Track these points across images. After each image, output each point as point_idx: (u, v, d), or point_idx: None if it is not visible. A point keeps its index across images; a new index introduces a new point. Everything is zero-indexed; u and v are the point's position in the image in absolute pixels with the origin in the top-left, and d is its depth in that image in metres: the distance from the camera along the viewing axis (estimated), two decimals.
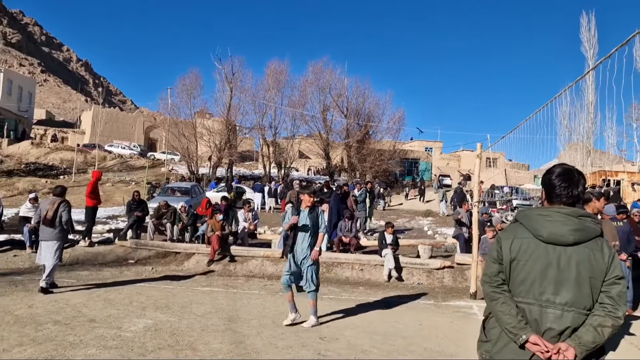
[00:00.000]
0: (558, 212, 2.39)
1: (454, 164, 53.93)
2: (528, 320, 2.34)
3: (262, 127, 38.83)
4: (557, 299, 2.31)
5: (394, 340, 5.98)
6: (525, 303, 2.36)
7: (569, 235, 2.33)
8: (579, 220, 2.36)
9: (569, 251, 2.33)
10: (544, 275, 2.33)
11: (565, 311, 2.29)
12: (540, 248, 2.36)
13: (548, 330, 2.29)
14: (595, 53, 38.61)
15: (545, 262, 2.34)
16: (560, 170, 2.51)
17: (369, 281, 10.23)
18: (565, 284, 2.30)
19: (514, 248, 2.41)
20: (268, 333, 5.96)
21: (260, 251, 11.24)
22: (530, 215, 2.46)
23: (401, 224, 19.21)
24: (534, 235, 2.39)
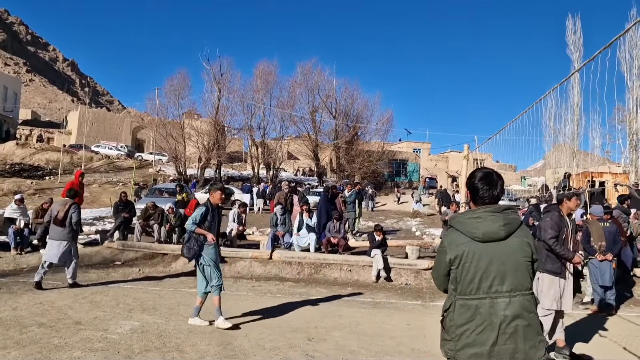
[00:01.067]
0: (486, 212, 2.68)
1: (442, 165, 54.25)
2: (479, 314, 2.59)
3: (251, 128, 38.79)
4: (503, 287, 2.60)
5: (381, 341, 6.00)
6: (477, 299, 2.61)
7: (500, 230, 2.64)
8: (504, 215, 2.67)
9: (504, 244, 2.64)
10: (489, 271, 2.61)
11: (512, 297, 2.59)
12: (480, 248, 2.63)
13: (504, 318, 2.56)
14: (581, 56, 39.08)
15: (487, 259, 2.62)
16: (481, 174, 2.80)
17: (357, 282, 10.25)
18: (508, 272, 2.61)
19: (457, 255, 2.67)
20: (256, 334, 5.95)
21: (248, 252, 11.21)
22: (463, 221, 2.74)
23: (389, 224, 19.28)
24: (471, 238, 2.65)
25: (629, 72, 36.14)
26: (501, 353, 2.55)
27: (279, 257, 10.97)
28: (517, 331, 2.57)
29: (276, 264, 10.84)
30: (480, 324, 2.59)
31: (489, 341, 2.55)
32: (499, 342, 2.55)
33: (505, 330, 2.56)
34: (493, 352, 2.55)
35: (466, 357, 2.60)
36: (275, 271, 10.67)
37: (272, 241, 11.62)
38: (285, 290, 9.25)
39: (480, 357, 2.56)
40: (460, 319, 2.65)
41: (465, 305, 2.65)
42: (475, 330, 2.59)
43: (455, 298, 2.70)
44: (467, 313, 2.63)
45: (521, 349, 2.56)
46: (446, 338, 2.73)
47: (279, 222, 12.21)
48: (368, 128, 41.75)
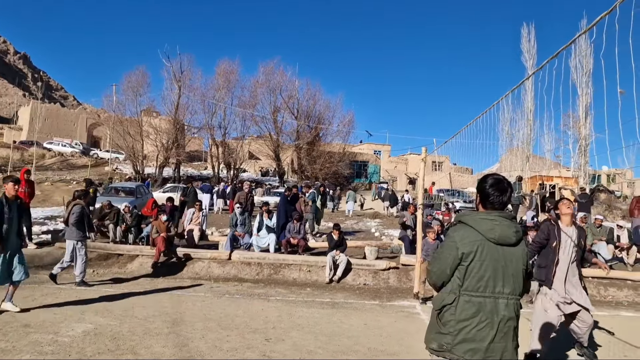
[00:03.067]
0: (501, 217, 2.82)
1: (402, 167, 55.06)
2: (483, 311, 2.72)
3: (211, 127, 38.38)
4: (505, 290, 2.76)
5: (339, 341, 6.06)
6: (482, 297, 2.74)
7: (513, 236, 2.79)
8: (514, 223, 2.85)
9: (512, 250, 2.79)
10: (497, 272, 2.76)
11: (509, 299, 2.76)
12: (493, 249, 2.77)
13: (502, 318, 2.73)
14: (535, 63, 40.55)
15: (498, 260, 2.76)
16: (492, 181, 2.93)
17: (316, 282, 10.29)
18: (510, 277, 2.77)
19: (472, 251, 2.77)
20: (213, 336, 5.90)
21: (207, 253, 11.08)
22: (477, 220, 2.84)
23: (349, 225, 19.42)
24: (486, 238, 2.77)
25: (579, 80, 37.71)
26: (495, 350, 2.70)
27: (238, 257, 10.90)
28: (510, 331, 2.75)
29: (235, 264, 10.77)
30: (483, 320, 2.72)
31: (487, 338, 2.70)
32: (495, 339, 2.71)
33: (502, 328, 2.72)
34: (489, 349, 2.70)
35: (463, 351, 2.71)
36: (234, 272, 10.60)
37: (231, 242, 11.51)
38: (244, 291, 9.20)
39: (476, 353, 2.69)
40: (463, 314, 2.74)
41: (470, 301, 2.75)
42: (477, 327, 2.71)
43: (460, 293, 2.78)
44: (471, 309, 2.74)
45: (509, 348, 2.74)
46: (442, 332, 2.80)
47: (239, 222, 12.12)
48: (330, 129, 42.03)
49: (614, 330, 7.27)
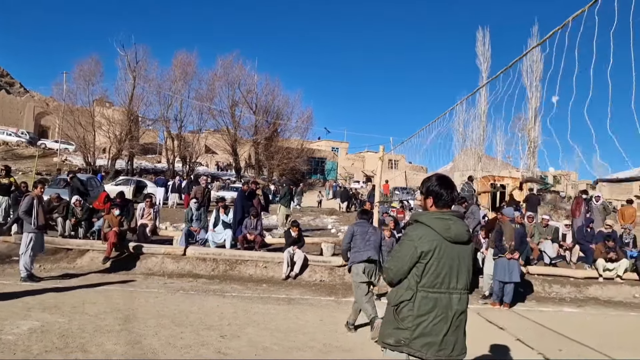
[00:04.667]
0: (454, 216, 2.97)
1: (359, 165, 55.62)
2: (439, 306, 2.84)
3: (167, 120, 37.58)
4: (458, 285, 2.90)
5: (295, 337, 6.09)
6: (439, 293, 2.86)
7: (466, 235, 2.95)
8: (464, 223, 3.02)
9: (464, 247, 2.95)
10: (452, 269, 2.89)
11: (462, 294, 2.91)
12: (449, 247, 2.89)
13: (456, 312, 2.87)
14: (489, 66, 41.80)
15: (453, 258, 2.90)
16: (440, 180, 3.06)
17: (273, 278, 10.28)
18: (462, 273, 2.92)
19: (430, 249, 2.86)
20: (167, 333, 5.81)
21: (160, 248, 10.86)
22: (432, 219, 2.95)
23: (306, 222, 19.47)
24: (443, 236, 2.88)
25: (529, 84, 39.13)
26: (448, 343, 2.84)
27: (193, 253, 10.75)
28: (461, 324, 2.91)
29: (190, 260, 10.61)
30: (439, 315, 2.84)
31: (442, 331, 2.82)
32: (449, 333, 2.84)
33: (455, 322, 2.86)
34: (443, 341, 2.82)
35: (420, 345, 2.82)
36: (189, 268, 10.45)
37: (186, 237, 11.33)
38: (198, 287, 9.08)
39: (432, 346, 2.81)
40: (421, 310, 2.84)
41: (427, 297, 2.85)
42: (433, 321, 2.83)
43: (418, 289, 2.87)
44: (428, 304, 2.84)
45: (460, 340, 2.90)
46: (400, 327, 2.88)
47: (194, 217, 11.94)
48: (288, 125, 42.00)
49: (557, 325, 7.63)
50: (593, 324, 8.24)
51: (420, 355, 2.81)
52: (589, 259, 11.59)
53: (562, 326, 7.55)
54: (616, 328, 8.09)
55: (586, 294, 10.58)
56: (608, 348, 6.39)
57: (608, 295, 10.55)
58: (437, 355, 2.80)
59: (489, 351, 5.94)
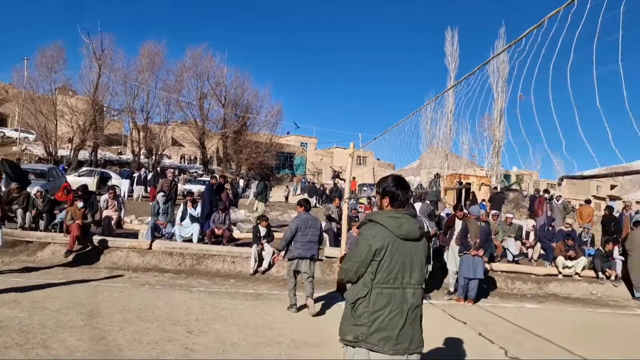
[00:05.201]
0: (406, 215, 3.09)
1: (327, 160, 55.72)
2: (394, 301, 2.93)
3: (133, 110, 36.73)
4: (412, 280, 3.00)
5: (263, 332, 6.07)
6: (393, 288, 2.95)
7: (417, 232, 3.07)
8: (417, 220, 3.18)
9: (416, 244, 3.06)
10: (405, 265, 2.99)
11: (416, 289, 3.01)
12: (401, 244, 2.99)
13: (411, 306, 2.96)
14: (457, 66, 42.54)
15: (405, 254, 2.99)
16: (395, 181, 3.18)
17: (240, 273, 10.22)
18: (415, 268, 3.03)
19: (383, 246, 2.95)
20: (132, 328, 5.70)
21: (125, 242, 10.64)
22: (385, 218, 3.05)
23: (274, 217, 19.40)
24: (395, 234, 2.98)
25: (495, 85, 39.99)
26: (405, 336, 2.92)
27: (159, 247, 10.58)
28: (417, 318, 3.01)
29: (156, 254, 10.44)
30: (394, 310, 2.92)
31: (398, 326, 2.90)
32: (405, 326, 2.92)
33: (410, 316, 2.96)
34: (400, 335, 2.90)
35: (377, 340, 2.89)
36: (155, 262, 10.28)
37: (152, 230, 11.12)
38: (164, 281, 8.95)
39: (389, 340, 2.89)
40: (376, 306, 2.92)
41: (382, 293, 2.93)
42: (389, 316, 2.90)
43: (373, 286, 2.94)
44: (383, 300, 2.92)
45: (417, 333, 3.00)
46: (357, 323, 2.95)
47: (161, 211, 11.73)
48: (257, 119, 41.66)
49: (518, 320, 7.85)
50: (553, 320, 8.51)
51: (378, 350, 2.89)
52: (549, 256, 11.96)
53: (524, 321, 7.77)
54: (575, 323, 8.38)
55: (546, 290, 10.92)
56: (567, 342, 6.62)
57: (567, 292, 10.91)
58: (394, 349, 2.89)
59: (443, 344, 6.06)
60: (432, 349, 5.94)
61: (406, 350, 2.92)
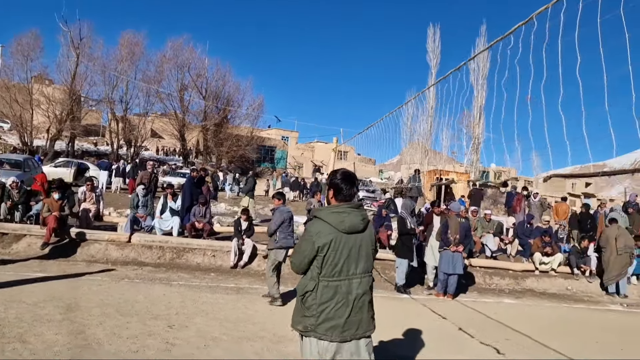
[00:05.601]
0: (349, 208, 3.20)
1: (308, 154, 55.68)
2: (339, 293, 3.08)
3: (112, 101, 36.12)
4: (357, 271, 3.15)
5: (244, 327, 6.05)
6: (338, 281, 3.10)
7: (360, 224, 3.19)
8: (361, 211, 3.25)
9: (361, 235, 3.19)
10: (350, 257, 3.13)
11: (362, 278, 3.16)
12: (344, 238, 3.12)
13: (357, 295, 3.11)
14: (438, 62, 42.82)
15: (350, 247, 3.13)
16: (343, 175, 3.31)
17: (221, 267, 10.16)
18: (361, 258, 3.18)
19: (326, 243, 3.08)
20: (112, 322, 5.62)
21: (104, 234, 10.48)
22: (329, 214, 3.19)
23: (255, 210, 19.32)
24: (338, 229, 3.11)
25: (476, 82, 40.38)
26: (352, 324, 3.09)
27: (138, 240, 10.44)
28: (364, 305, 3.16)
29: (135, 247, 10.31)
30: (340, 301, 3.08)
31: (344, 315, 3.08)
32: (351, 315, 3.09)
33: (356, 304, 3.12)
34: (346, 323, 3.08)
35: (324, 329, 3.07)
36: (134, 255, 10.15)
37: (131, 223, 10.97)
38: (144, 275, 8.84)
39: (336, 329, 3.06)
40: (323, 298, 3.08)
41: (328, 285, 3.09)
42: (335, 307, 3.07)
43: (319, 280, 3.10)
44: (329, 292, 3.08)
45: (365, 319, 3.16)
46: (307, 315, 3.13)
47: (141, 203, 11.57)
48: (238, 112, 41.34)
49: (497, 315, 7.97)
50: (531, 315, 8.66)
51: (326, 339, 3.07)
52: (527, 252, 12.17)
53: (503, 316, 7.90)
54: (551, 318, 8.54)
55: (523, 285, 11.12)
56: (545, 337, 6.75)
57: (543, 287, 11.12)
58: (341, 336, 3.07)
59: (424, 338, 6.13)
60: (413, 343, 6.01)
61: (353, 335, 3.11)
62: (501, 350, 6.05)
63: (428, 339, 6.20)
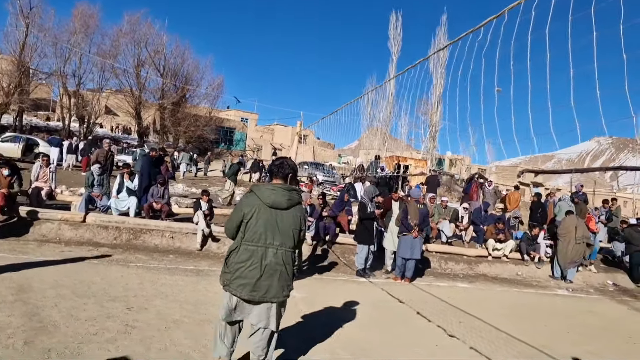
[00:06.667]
0: (280, 188, 3.76)
1: (268, 137, 55.30)
2: (255, 257, 3.66)
3: (64, 74, 34.59)
4: (274, 242, 3.70)
5: (205, 309, 6.01)
6: (256, 246, 3.68)
7: (284, 203, 3.74)
8: (289, 193, 3.78)
9: (284, 212, 3.74)
10: (269, 228, 3.69)
11: (278, 250, 3.70)
12: (267, 210, 3.71)
13: (269, 263, 3.67)
14: (400, 49, 43.19)
15: (270, 219, 3.70)
16: (278, 161, 3.96)
17: (180, 249, 10.02)
18: (279, 233, 3.71)
19: (250, 211, 3.70)
20: (67, 304, 5.46)
21: (57, 214, 10.10)
22: (261, 189, 3.79)
23: (214, 192, 19.08)
24: (263, 202, 3.71)
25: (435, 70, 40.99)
26: (261, 286, 3.65)
27: (93, 220, 10.14)
28: (276, 273, 3.68)
29: (90, 227, 10.01)
30: (254, 264, 3.65)
31: (255, 276, 3.64)
32: (262, 278, 3.64)
33: (267, 270, 3.66)
34: (256, 284, 3.64)
35: (236, 285, 3.67)
36: (89, 235, 9.85)
37: (86, 203, 10.62)
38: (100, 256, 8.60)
39: (246, 287, 3.65)
40: (240, 258, 3.68)
41: (247, 249, 3.68)
42: (248, 268, 3.65)
43: (242, 243, 3.70)
44: (246, 254, 3.67)
45: (274, 285, 3.68)
46: (225, 271, 3.77)
47: (96, 182, 11.20)
48: (197, 91, 40.48)
49: (452, 299, 8.23)
50: (483, 299, 8.99)
51: (236, 294, 3.68)
52: (480, 239, 12.57)
53: (457, 300, 8.16)
54: (502, 302, 8.90)
55: (477, 270, 11.51)
56: (497, 320, 7.04)
57: (495, 272, 11.55)
58: (250, 295, 3.66)
59: (383, 322, 6.26)
60: (369, 325, 6.14)
61: (262, 297, 3.68)
62: (457, 335, 6.26)
63: (385, 322, 6.34)
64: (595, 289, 11.35)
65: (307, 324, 5.96)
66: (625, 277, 12.23)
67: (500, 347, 5.88)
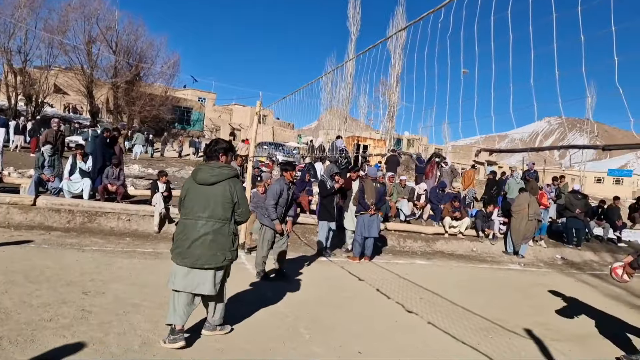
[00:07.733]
0: (207, 166, 4.38)
1: (226, 117, 54.47)
2: (187, 228, 4.25)
3: (8, 51, 32.77)
4: (203, 215, 4.24)
5: (165, 292, 5.84)
6: (188, 219, 4.29)
7: (210, 179, 4.28)
8: (218, 170, 4.33)
9: (211, 188, 4.28)
10: (198, 203, 4.26)
11: (207, 221, 4.23)
12: (196, 187, 4.32)
13: (198, 233, 4.20)
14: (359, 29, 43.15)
15: (199, 195, 4.28)
16: (210, 143, 4.56)
17: (137, 232, 9.82)
18: (209, 206, 4.24)
19: (185, 189, 4.40)
20: (19, 290, 5.28)
21: (5, 197, 9.67)
22: (195, 170, 4.41)
23: (171, 173, 18.73)
24: (193, 180, 4.35)
25: (393, 50, 41.19)
26: (192, 255, 4.19)
27: (45, 203, 9.78)
28: (205, 242, 4.20)
29: (41, 211, 9.65)
30: (186, 234, 4.24)
31: (186, 245, 4.21)
32: (192, 247, 4.19)
33: (197, 240, 4.19)
34: (187, 252, 4.19)
35: (175, 254, 4.28)
36: (40, 219, 9.51)
37: (36, 185, 10.23)
38: (52, 240, 8.33)
39: (179, 255, 4.23)
40: (178, 230, 4.33)
41: (182, 223, 4.32)
42: (182, 238, 4.24)
43: (181, 218, 4.37)
44: (181, 227, 4.31)
45: (205, 253, 4.20)
46: (172, 243, 4.39)
47: (47, 163, 10.78)
48: (152, 70, 39.22)
49: (410, 275, 8.43)
50: (441, 275, 9.25)
51: (174, 261, 4.27)
52: (437, 217, 12.88)
53: (415, 277, 8.36)
54: (459, 277, 9.18)
55: (434, 248, 11.80)
56: (454, 295, 7.26)
57: (452, 249, 11.88)
58: (182, 262, 4.21)
59: (345, 299, 6.35)
60: (331, 302, 6.22)
61: (193, 264, 4.18)
62: (415, 311, 6.43)
63: (344, 299, 6.43)
64: (545, 263, 11.86)
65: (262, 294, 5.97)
66: (572, 251, 12.83)
67: (456, 321, 6.08)
